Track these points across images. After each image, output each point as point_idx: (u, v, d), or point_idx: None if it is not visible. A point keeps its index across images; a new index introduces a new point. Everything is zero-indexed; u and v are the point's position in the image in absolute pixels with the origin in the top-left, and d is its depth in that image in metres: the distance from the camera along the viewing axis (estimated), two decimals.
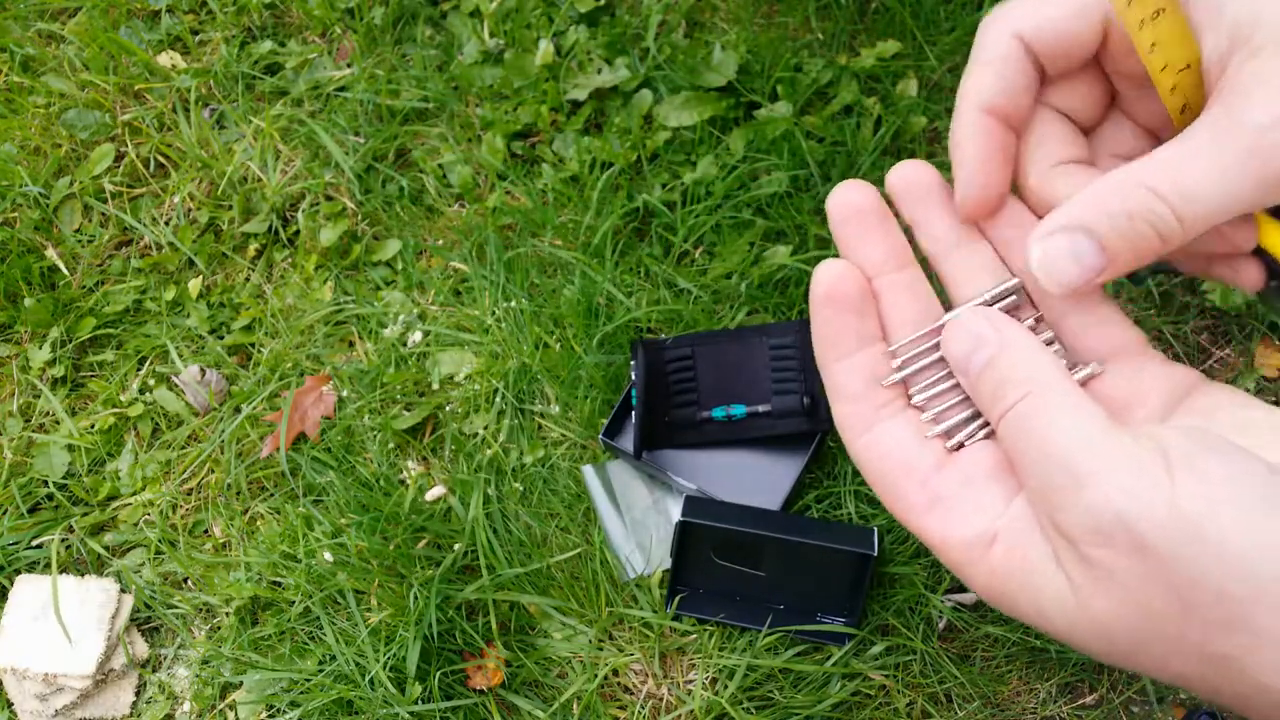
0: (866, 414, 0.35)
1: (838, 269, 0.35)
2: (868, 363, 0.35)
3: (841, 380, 0.36)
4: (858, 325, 0.35)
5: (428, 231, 1.40)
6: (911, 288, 0.36)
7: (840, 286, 0.35)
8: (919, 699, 1.10)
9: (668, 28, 1.46)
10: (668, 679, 1.12)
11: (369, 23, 1.50)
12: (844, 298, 0.35)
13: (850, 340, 0.35)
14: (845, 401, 0.35)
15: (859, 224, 0.36)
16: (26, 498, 1.27)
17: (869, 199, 0.36)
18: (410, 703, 1.08)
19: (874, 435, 0.35)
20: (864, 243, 0.36)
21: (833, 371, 0.36)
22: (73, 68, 1.54)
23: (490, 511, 1.19)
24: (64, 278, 1.41)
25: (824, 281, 0.35)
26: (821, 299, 0.35)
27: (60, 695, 1.15)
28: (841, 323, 0.35)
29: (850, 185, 0.36)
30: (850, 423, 0.35)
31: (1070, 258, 0.32)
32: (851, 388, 0.35)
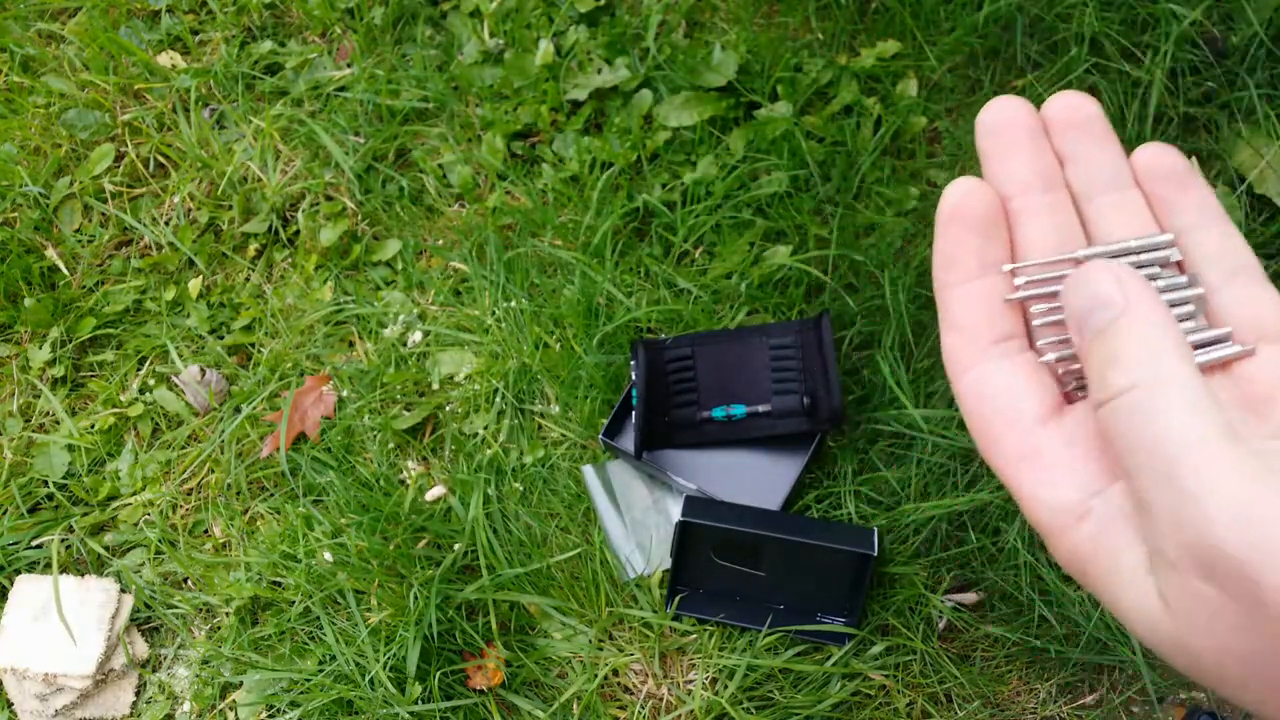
0: (977, 348, 0.32)
1: (968, 185, 0.33)
2: (988, 291, 0.32)
3: (956, 307, 0.32)
4: (981, 248, 0.32)
5: (428, 231, 1.40)
6: (1055, 213, 0.33)
7: (968, 204, 0.32)
8: (919, 699, 1.10)
9: (668, 28, 1.46)
10: (668, 679, 1.12)
11: (369, 23, 1.50)
12: (971, 216, 0.32)
13: (971, 263, 0.32)
14: (956, 331, 0.32)
15: (1007, 137, 0.33)
16: (26, 498, 1.27)
17: (1023, 113, 0.33)
18: (410, 703, 1.08)
19: (981, 372, 0.32)
20: (1009, 157, 0.33)
21: (948, 297, 0.33)
22: (73, 68, 1.54)
23: (490, 511, 1.19)
24: (64, 278, 1.41)
25: (952, 197, 0.33)
26: (947, 216, 0.33)
27: (60, 695, 1.15)
28: (964, 243, 0.32)
29: (1005, 98, 0.34)
30: (957, 355, 0.32)
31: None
32: (965, 316, 0.32)
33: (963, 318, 0.32)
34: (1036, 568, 1.12)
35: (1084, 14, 1.36)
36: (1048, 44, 1.39)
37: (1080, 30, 1.34)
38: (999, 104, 0.34)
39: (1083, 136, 0.34)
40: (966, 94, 1.39)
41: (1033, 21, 1.39)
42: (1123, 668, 1.11)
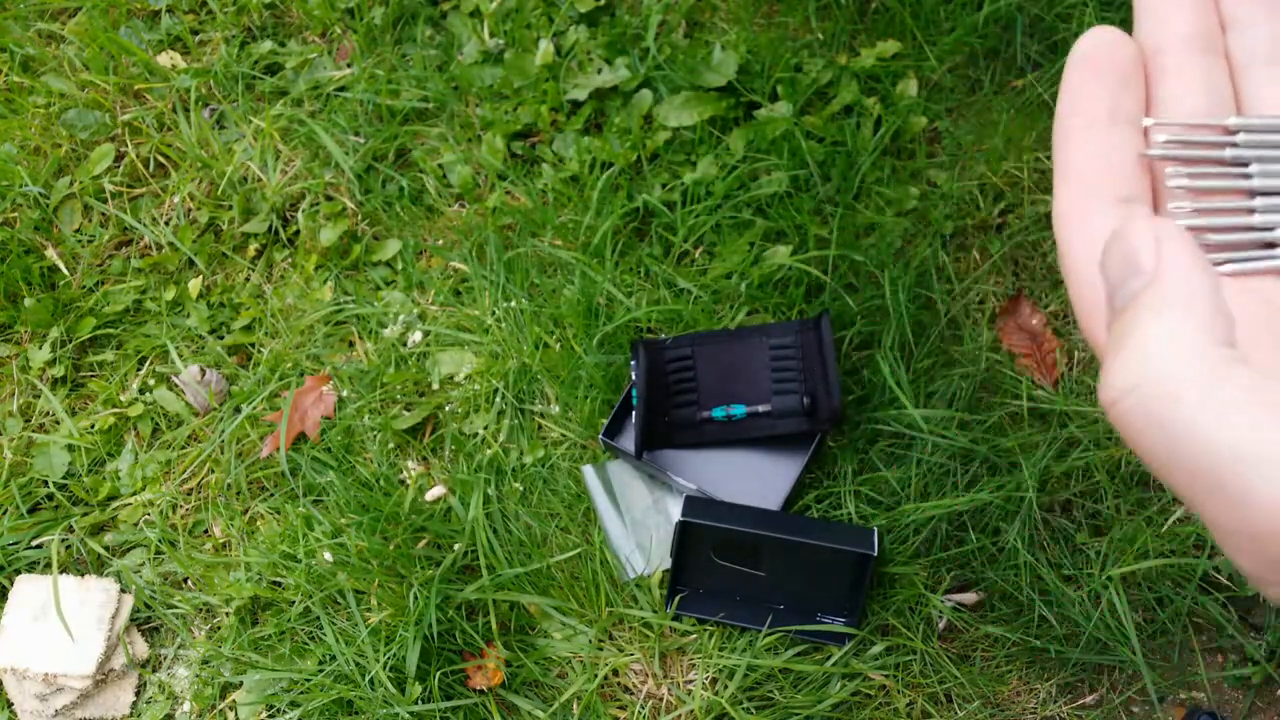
0: (1096, 204, 0.27)
1: (1107, 35, 0.29)
2: (1117, 145, 0.28)
3: (1077, 156, 0.28)
4: (1115, 96, 0.28)
5: (428, 231, 1.40)
6: (1208, 76, 0.29)
7: (1104, 52, 0.28)
8: (919, 699, 1.10)
9: (668, 28, 1.46)
10: (668, 679, 1.12)
11: (369, 23, 1.50)
12: (1107, 64, 0.28)
13: (1101, 110, 0.28)
14: (1073, 182, 0.28)
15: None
16: (26, 498, 1.27)
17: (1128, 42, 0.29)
18: (410, 703, 1.08)
19: (1100, 227, 0.27)
20: (1170, 12, 0.29)
21: (1068, 143, 0.28)
22: (73, 68, 1.54)
23: (490, 511, 1.19)
24: (64, 278, 1.41)
25: (1085, 44, 0.28)
26: (1077, 61, 0.28)
27: (60, 695, 1.15)
28: (1095, 88, 0.28)
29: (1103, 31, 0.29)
30: (1072, 210, 0.28)
31: None
32: (1088, 168, 0.28)
33: (1085, 169, 0.28)
34: (1036, 568, 1.12)
35: (1084, 14, 1.36)
36: (1048, 44, 1.39)
37: (1080, 30, 1.34)
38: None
39: (1255, 2, 0.30)
40: (966, 94, 1.39)
41: (1033, 21, 1.39)
42: (1123, 668, 1.12)
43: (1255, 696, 1.10)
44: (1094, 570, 1.12)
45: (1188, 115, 0.29)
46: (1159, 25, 0.30)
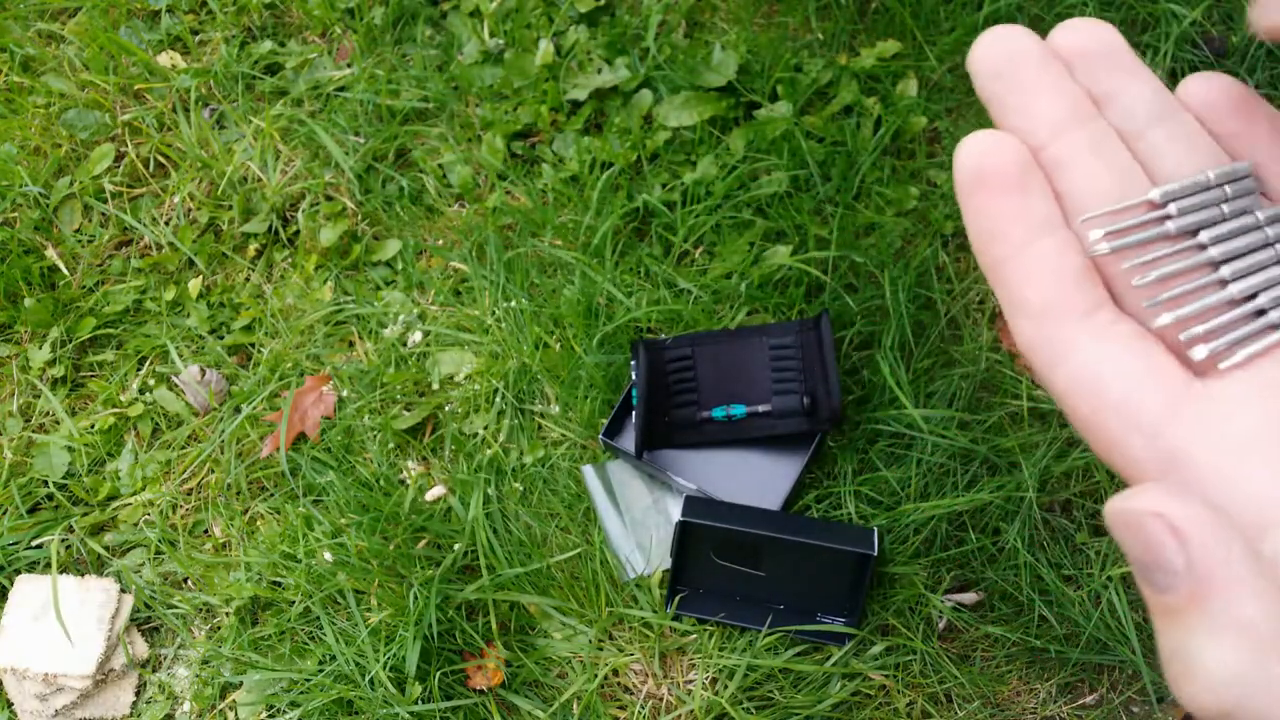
0: (1065, 331, 0.25)
1: (984, 141, 0.26)
2: (1053, 257, 0.26)
3: (1018, 286, 0.26)
4: (1024, 208, 0.26)
5: (428, 231, 1.40)
6: (1101, 149, 0.27)
7: (992, 162, 0.26)
8: (919, 699, 1.10)
9: (668, 28, 1.46)
10: (668, 679, 1.12)
11: (369, 23, 1.50)
12: (1000, 176, 0.26)
13: (1017, 230, 0.26)
14: (1030, 314, 0.26)
15: (1020, 74, 0.27)
16: (26, 498, 1.27)
17: (1031, 42, 0.27)
18: (410, 703, 1.08)
19: (1082, 360, 0.25)
20: (1027, 98, 0.27)
21: (1006, 277, 0.26)
22: (73, 68, 1.54)
23: (490, 511, 1.19)
24: (64, 278, 1.41)
25: (969, 159, 0.26)
26: (969, 183, 0.26)
27: (60, 695, 1.15)
28: (1002, 209, 0.26)
29: (1003, 28, 0.27)
30: (1040, 344, 0.26)
31: None
32: (1036, 295, 0.25)
33: (1035, 296, 0.25)
34: (1036, 568, 1.12)
35: (1084, 14, 1.36)
36: None
37: None
38: (997, 36, 0.27)
39: (1113, 69, 0.28)
40: (966, 94, 1.39)
41: (1033, 21, 1.39)
42: (1123, 668, 1.12)
43: None
44: (1094, 570, 1.12)
45: (1102, 202, 0.27)
46: (1020, 115, 0.27)
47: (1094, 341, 0.25)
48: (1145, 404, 0.24)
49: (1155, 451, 0.24)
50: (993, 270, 0.26)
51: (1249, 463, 0.23)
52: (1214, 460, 0.24)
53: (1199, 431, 0.24)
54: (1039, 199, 0.26)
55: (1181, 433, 0.24)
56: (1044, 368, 0.26)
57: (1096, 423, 0.25)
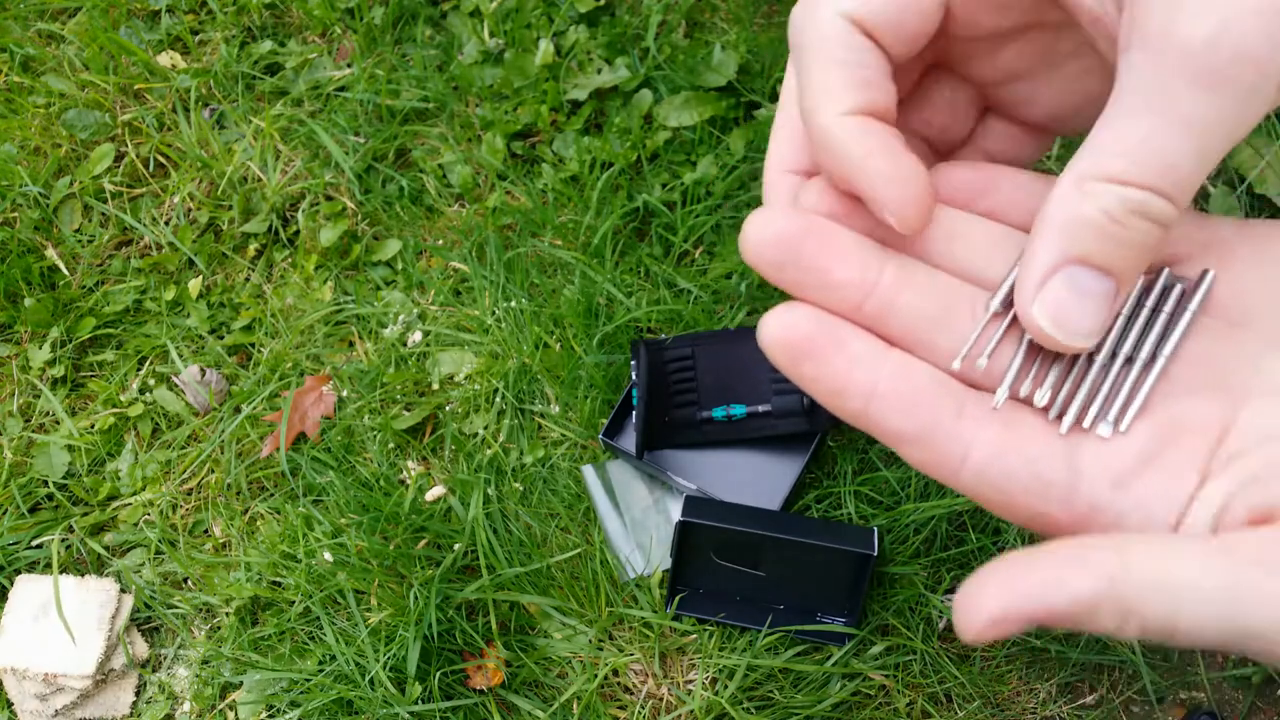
0: (945, 441, 0.26)
1: (781, 319, 0.26)
2: (900, 384, 0.26)
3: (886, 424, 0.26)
4: (849, 360, 0.26)
5: (428, 231, 1.40)
6: (907, 282, 0.27)
7: (796, 335, 0.26)
8: (919, 699, 1.10)
9: (668, 28, 1.46)
10: (668, 679, 1.12)
11: (369, 23, 1.50)
12: (809, 344, 0.26)
13: (856, 379, 0.26)
14: (910, 444, 0.26)
15: (796, 260, 0.26)
16: (26, 498, 1.27)
17: (784, 223, 0.26)
18: (410, 703, 1.08)
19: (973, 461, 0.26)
20: (819, 275, 0.27)
21: (870, 422, 0.26)
22: (73, 68, 1.54)
23: (490, 511, 1.19)
24: (64, 278, 1.41)
25: (774, 344, 0.26)
26: (787, 363, 0.26)
27: (60, 695, 1.15)
28: (829, 370, 0.26)
29: (756, 221, 0.26)
30: (932, 464, 0.26)
31: (1079, 301, 0.25)
32: (906, 425, 0.26)
33: (907, 426, 0.26)
34: None
35: None
36: None
37: None
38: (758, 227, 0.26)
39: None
40: None
41: None
42: (1123, 668, 1.12)
43: (1255, 696, 1.10)
44: None
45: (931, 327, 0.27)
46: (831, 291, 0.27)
47: (975, 439, 0.26)
48: (1047, 476, 0.26)
49: (1072, 512, 0.26)
50: (857, 420, 0.27)
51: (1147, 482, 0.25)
52: (1122, 499, 0.25)
53: (1101, 477, 0.25)
54: (857, 342, 0.27)
55: (1086, 487, 0.25)
56: (946, 479, 0.26)
57: (1011, 508, 0.26)
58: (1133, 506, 0.25)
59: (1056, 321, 0.25)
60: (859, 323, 0.27)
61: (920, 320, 0.27)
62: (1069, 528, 0.26)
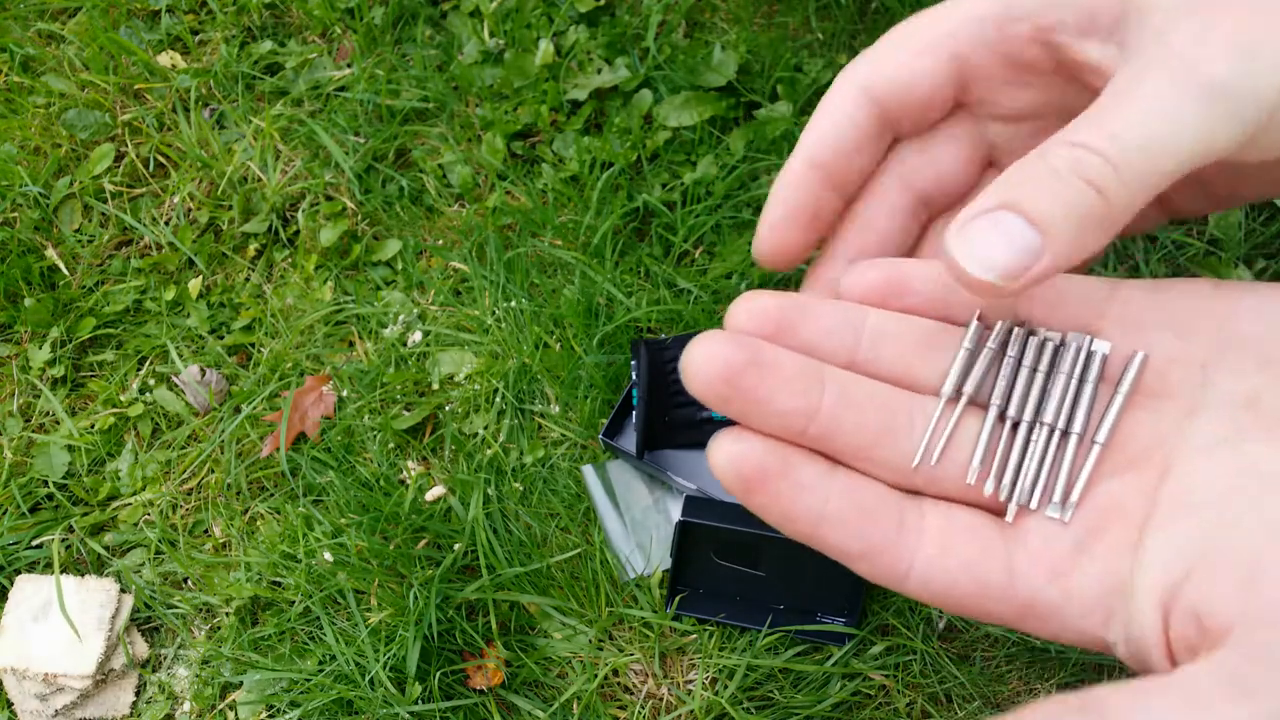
0: (890, 556, 0.27)
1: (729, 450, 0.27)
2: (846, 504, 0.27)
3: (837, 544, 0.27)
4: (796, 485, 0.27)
5: (428, 231, 1.40)
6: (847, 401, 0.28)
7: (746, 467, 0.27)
8: (919, 699, 1.10)
9: (668, 28, 1.46)
10: (668, 679, 1.12)
11: (369, 23, 1.50)
12: (760, 473, 0.27)
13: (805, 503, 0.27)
14: (860, 560, 0.27)
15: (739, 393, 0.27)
16: (26, 498, 1.27)
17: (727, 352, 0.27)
18: (410, 703, 1.08)
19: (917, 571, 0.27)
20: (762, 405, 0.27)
21: (822, 542, 0.27)
22: (73, 68, 1.54)
23: (490, 511, 1.19)
24: (64, 278, 1.41)
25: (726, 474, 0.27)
26: (739, 491, 0.27)
27: (60, 695, 1.15)
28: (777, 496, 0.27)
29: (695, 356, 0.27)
30: (881, 576, 0.27)
31: (1000, 240, 0.25)
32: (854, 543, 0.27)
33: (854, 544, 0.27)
34: None
35: None
36: None
37: None
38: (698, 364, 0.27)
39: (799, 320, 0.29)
40: None
41: None
42: (1123, 668, 1.11)
43: None
44: None
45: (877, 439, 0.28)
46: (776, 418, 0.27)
47: (916, 551, 0.27)
48: (985, 577, 0.27)
49: (1013, 606, 0.27)
50: (809, 540, 0.27)
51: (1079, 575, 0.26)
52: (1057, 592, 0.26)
53: (1036, 571, 0.27)
54: (804, 469, 0.27)
55: (1023, 584, 0.27)
56: (893, 587, 0.28)
57: (956, 608, 0.27)
58: (1070, 596, 0.26)
59: (970, 253, 0.25)
60: (805, 446, 0.28)
61: (863, 438, 0.28)
62: (1013, 620, 0.27)
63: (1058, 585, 0.26)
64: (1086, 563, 0.26)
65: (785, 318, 0.29)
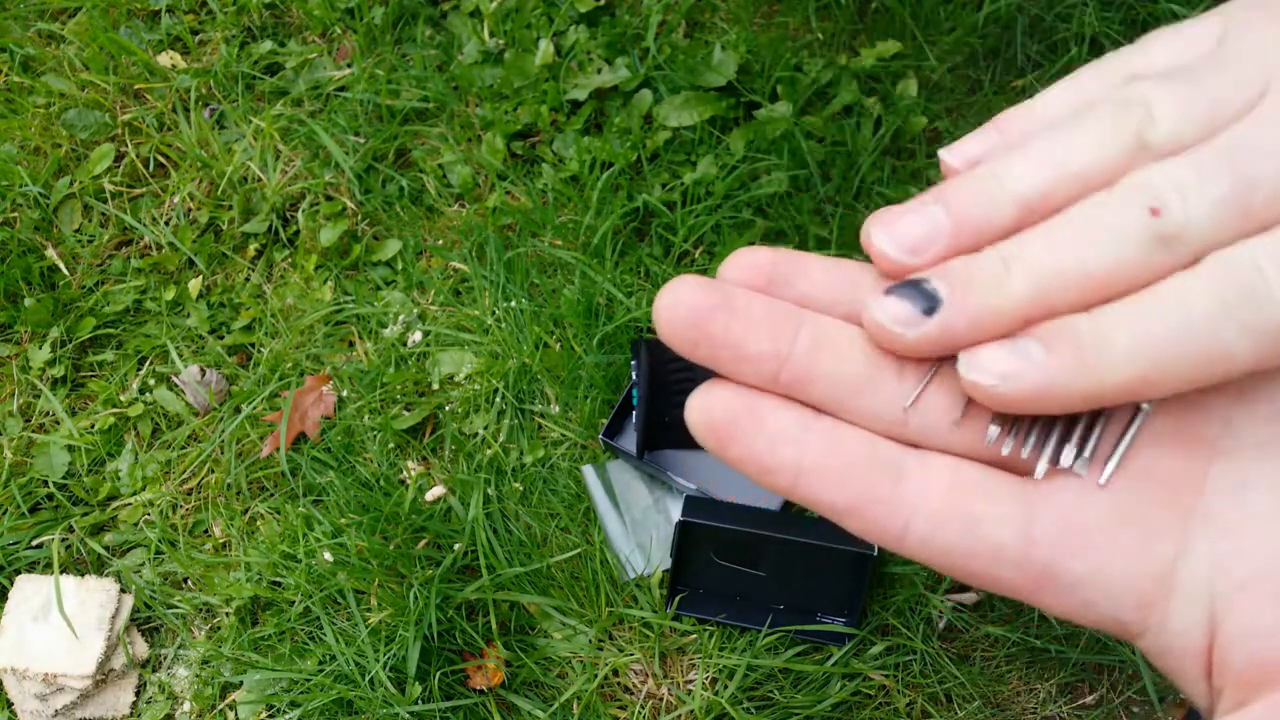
0: (884, 510, 0.25)
1: (703, 400, 0.26)
2: (830, 454, 0.25)
3: (820, 497, 0.25)
4: (774, 437, 0.25)
5: (428, 231, 1.40)
6: (824, 343, 0.25)
7: (718, 417, 0.26)
8: (919, 699, 1.10)
9: (668, 28, 1.46)
10: (668, 679, 1.12)
11: (369, 23, 1.50)
12: (733, 424, 0.26)
13: (784, 455, 0.25)
14: (847, 516, 0.25)
15: (708, 335, 0.25)
16: (26, 498, 1.27)
17: (699, 295, 0.25)
18: (410, 703, 1.08)
19: (916, 528, 0.25)
20: (732, 350, 0.25)
21: (805, 495, 0.25)
22: (73, 68, 1.54)
23: (490, 511, 1.19)
24: (64, 278, 1.41)
25: (700, 426, 0.26)
26: (714, 445, 0.26)
27: (60, 695, 1.15)
28: (755, 448, 0.25)
29: (671, 293, 0.25)
30: (874, 533, 0.25)
31: None
32: (840, 497, 0.25)
33: (840, 499, 0.25)
34: None
35: (1084, 14, 1.36)
36: (1048, 44, 1.39)
37: (1080, 30, 1.34)
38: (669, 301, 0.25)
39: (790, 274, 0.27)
40: (966, 94, 1.39)
41: (1033, 21, 1.39)
42: (1123, 668, 1.12)
43: None
44: None
45: (857, 387, 0.25)
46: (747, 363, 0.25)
47: (918, 506, 0.24)
48: (998, 538, 0.24)
49: (1026, 574, 0.24)
50: (790, 494, 0.25)
51: (1112, 549, 0.24)
52: (1081, 563, 0.24)
53: (1059, 538, 0.24)
54: (777, 417, 0.25)
55: (1042, 551, 0.24)
56: (889, 547, 0.25)
57: (961, 571, 0.25)
58: (1098, 572, 0.24)
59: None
60: (781, 393, 0.26)
61: (841, 385, 0.25)
62: (1026, 591, 0.24)
63: (1085, 558, 0.24)
64: (1122, 538, 0.24)
65: (778, 271, 0.26)
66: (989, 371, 0.22)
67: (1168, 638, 0.24)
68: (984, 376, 0.22)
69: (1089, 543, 0.24)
